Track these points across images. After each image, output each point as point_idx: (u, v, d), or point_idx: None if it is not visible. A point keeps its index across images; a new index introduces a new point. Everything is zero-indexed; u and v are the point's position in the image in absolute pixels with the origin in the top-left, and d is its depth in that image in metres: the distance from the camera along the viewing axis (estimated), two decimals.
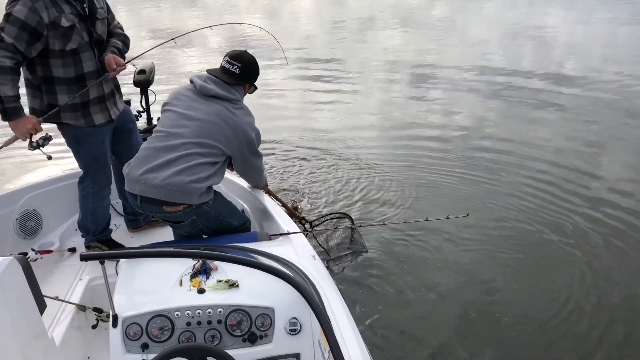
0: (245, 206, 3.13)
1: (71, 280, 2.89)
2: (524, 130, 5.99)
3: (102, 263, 1.81)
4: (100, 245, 3.16)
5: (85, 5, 2.69)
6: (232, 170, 2.78)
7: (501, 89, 7.54)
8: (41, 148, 2.68)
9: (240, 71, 2.56)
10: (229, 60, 2.57)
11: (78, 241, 3.29)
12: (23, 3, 2.47)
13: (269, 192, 3.08)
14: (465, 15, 13.24)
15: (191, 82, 2.58)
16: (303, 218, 3.57)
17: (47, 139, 2.70)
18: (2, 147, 2.71)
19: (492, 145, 5.58)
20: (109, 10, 2.88)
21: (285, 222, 2.62)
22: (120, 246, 3.19)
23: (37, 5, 2.49)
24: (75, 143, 2.86)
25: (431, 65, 8.87)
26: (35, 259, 2.96)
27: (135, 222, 3.41)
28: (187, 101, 2.52)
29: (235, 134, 2.47)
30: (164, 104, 2.58)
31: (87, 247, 3.20)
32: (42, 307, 2.10)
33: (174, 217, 2.48)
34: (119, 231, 3.40)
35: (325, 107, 7.04)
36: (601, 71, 8.25)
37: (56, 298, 2.49)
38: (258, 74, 2.65)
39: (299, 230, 2.54)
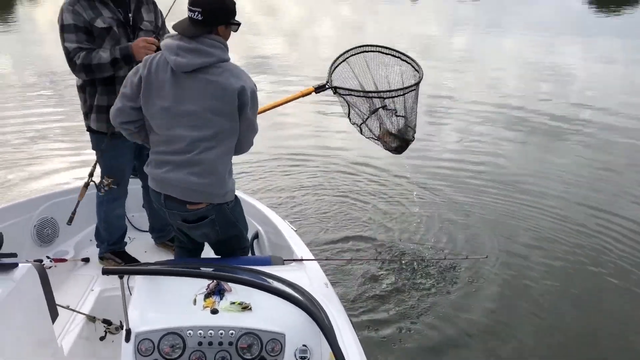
0: (260, 228, 3.17)
1: (83, 290, 2.94)
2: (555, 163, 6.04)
3: (121, 277, 1.86)
4: (114, 257, 3.22)
5: (130, 13, 2.83)
6: None
7: (519, 122, 7.61)
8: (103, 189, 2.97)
9: (203, 15, 2.23)
10: (189, 7, 2.26)
11: (92, 251, 3.36)
12: (66, 10, 2.74)
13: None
14: (484, 49, 13.38)
15: (163, 52, 2.31)
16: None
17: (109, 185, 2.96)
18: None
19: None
20: (162, 26, 2.99)
21: (299, 248, 2.65)
22: (135, 260, 3.24)
23: (77, 7, 2.74)
24: (98, 150, 2.99)
25: (448, 97, 8.95)
26: (50, 267, 3.02)
27: (161, 238, 3.45)
28: (169, 88, 2.29)
29: (233, 105, 2.29)
30: (145, 80, 2.32)
31: (101, 257, 3.26)
32: (54, 315, 2.15)
33: (196, 214, 2.43)
34: (133, 245, 3.46)
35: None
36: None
37: (67, 307, 2.54)
38: (230, 8, 2.31)
39: (312, 257, 2.57)
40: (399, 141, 3.18)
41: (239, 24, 2.36)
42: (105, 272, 1.83)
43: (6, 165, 6.01)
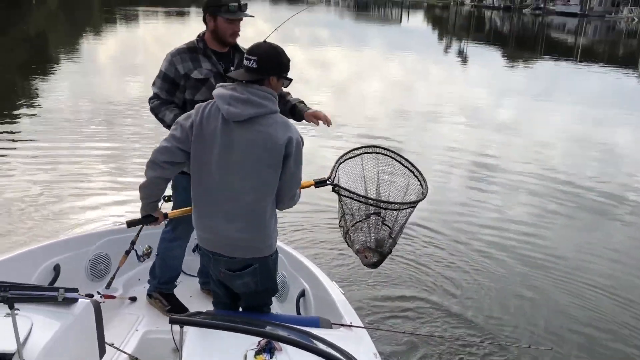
0: (306, 286, 3.18)
1: (127, 330, 3.00)
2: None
3: (181, 327, 1.90)
4: (161, 299, 3.28)
5: (232, 67, 3.06)
6: None
7: (566, 196, 7.53)
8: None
9: (258, 64, 2.32)
10: (246, 55, 2.36)
11: (139, 291, 3.46)
12: (166, 58, 3.05)
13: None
14: (532, 118, 13.34)
15: (215, 101, 2.36)
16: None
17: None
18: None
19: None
20: None
21: (348, 312, 2.65)
22: (181, 305, 3.28)
23: (175, 59, 3.02)
24: (173, 188, 3.15)
25: (494, 164, 8.92)
26: (100, 303, 3.09)
27: (208, 284, 3.47)
28: (219, 136, 2.34)
29: (280, 157, 2.34)
30: (197, 126, 2.37)
31: (149, 295, 3.33)
32: (102, 352, 2.20)
33: (241, 262, 2.48)
34: (180, 288, 3.52)
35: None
36: None
37: (112, 345, 2.59)
38: (284, 62, 2.39)
39: (361, 325, 2.55)
40: (378, 256, 3.05)
41: (290, 80, 2.44)
42: (173, 321, 1.88)
43: (62, 196, 6.25)
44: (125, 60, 18.88)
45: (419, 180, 3.10)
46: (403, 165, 3.13)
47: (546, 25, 55.86)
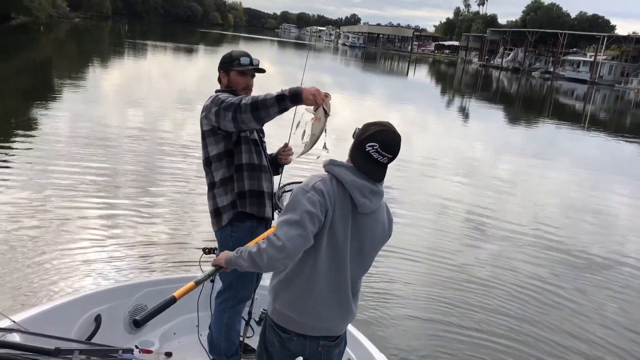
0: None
1: None
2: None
3: None
4: None
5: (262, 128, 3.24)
6: None
7: (558, 259, 7.78)
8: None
9: (391, 161, 2.33)
10: (380, 150, 2.28)
11: (174, 346, 3.60)
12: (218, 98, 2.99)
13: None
14: (529, 177, 13.78)
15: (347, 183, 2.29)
16: None
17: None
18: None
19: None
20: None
21: None
22: None
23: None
24: (250, 234, 2.99)
25: (483, 223, 9.25)
26: (138, 359, 3.19)
27: None
28: (347, 225, 2.31)
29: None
30: (331, 212, 2.28)
31: None
32: None
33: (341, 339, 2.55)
34: None
35: None
36: None
37: None
38: None
39: None
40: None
41: None
42: None
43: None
44: (128, 93, 19.47)
45: None
46: None
47: (555, 89, 57.27)
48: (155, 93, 20.30)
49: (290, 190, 3.19)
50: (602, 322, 5.96)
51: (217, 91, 3.13)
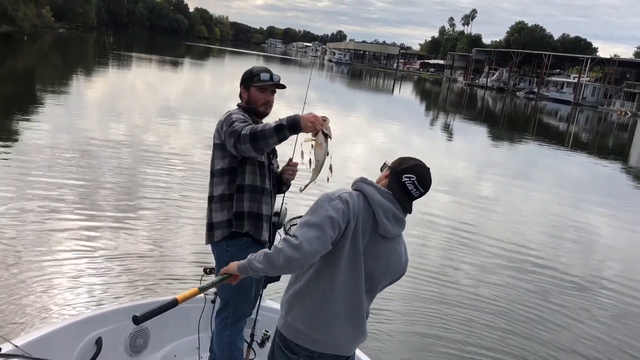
0: None
1: None
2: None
3: None
4: None
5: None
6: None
7: (535, 277, 7.88)
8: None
9: (420, 197, 2.37)
10: (416, 182, 2.33)
11: None
12: (231, 112, 3.06)
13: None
14: (510, 195, 14.00)
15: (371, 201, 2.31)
16: None
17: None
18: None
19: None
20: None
21: None
22: None
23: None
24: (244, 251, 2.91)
25: (467, 238, 9.37)
26: None
27: None
28: (366, 244, 2.32)
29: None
30: (352, 234, 2.28)
31: None
32: None
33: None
34: None
35: None
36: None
37: None
38: None
39: None
40: None
41: None
42: None
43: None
44: (111, 105, 19.41)
45: None
46: None
47: (539, 109, 58.18)
48: (139, 105, 20.26)
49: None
50: (585, 335, 6.11)
51: (238, 105, 3.18)
